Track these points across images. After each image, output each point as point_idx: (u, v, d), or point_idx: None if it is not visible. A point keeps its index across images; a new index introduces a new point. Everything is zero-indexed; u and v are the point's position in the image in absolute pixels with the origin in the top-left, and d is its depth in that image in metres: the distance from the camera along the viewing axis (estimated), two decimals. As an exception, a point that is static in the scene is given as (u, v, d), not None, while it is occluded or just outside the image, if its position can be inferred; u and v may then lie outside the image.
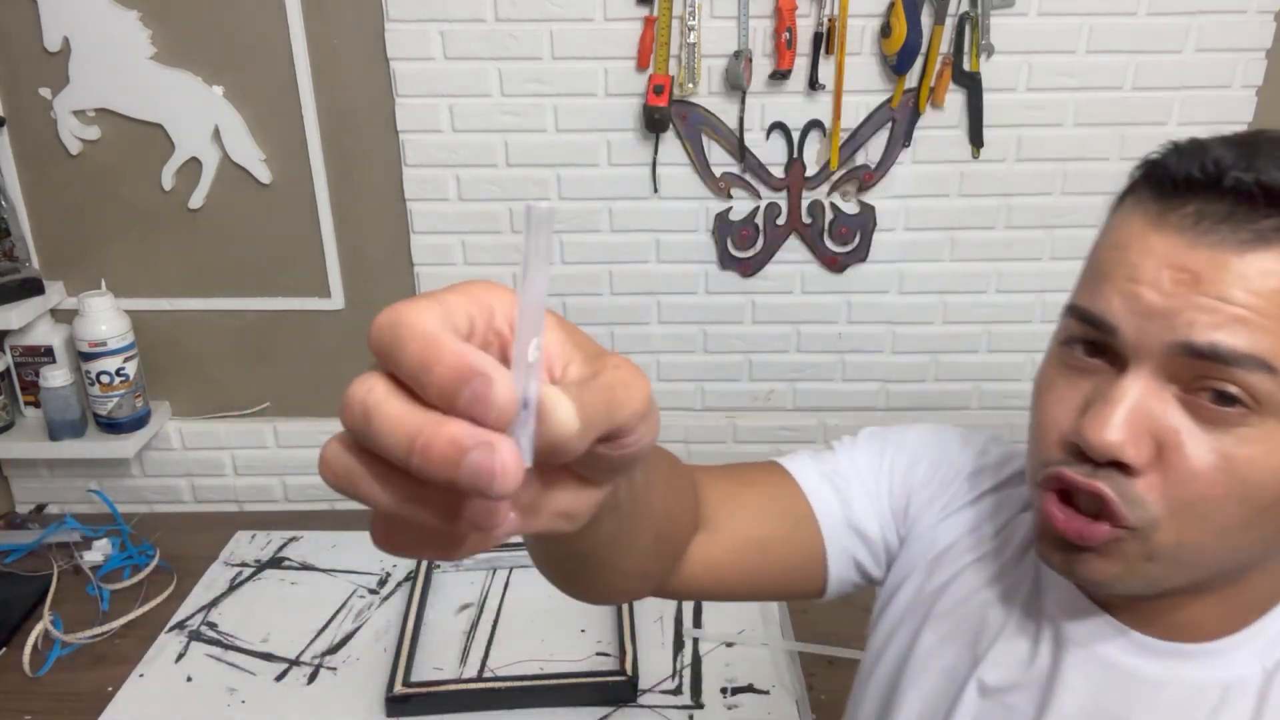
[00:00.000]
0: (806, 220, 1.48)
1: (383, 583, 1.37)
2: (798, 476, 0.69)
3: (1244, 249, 0.46)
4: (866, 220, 1.48)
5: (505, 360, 0.30)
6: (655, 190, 1.46)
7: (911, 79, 1.40)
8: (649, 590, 0.62)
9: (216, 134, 1.42)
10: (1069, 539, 0.51)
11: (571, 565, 0.52)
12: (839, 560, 0.69)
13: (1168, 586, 0.52)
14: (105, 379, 1.46)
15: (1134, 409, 0.48)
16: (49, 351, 1.50)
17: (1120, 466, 0.48)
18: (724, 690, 1.15)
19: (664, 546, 0.57)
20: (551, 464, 0.31)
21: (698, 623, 1.27)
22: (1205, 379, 0.47)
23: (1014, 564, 0.63)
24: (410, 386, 0.28)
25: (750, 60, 1.37)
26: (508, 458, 0.27)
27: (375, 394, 0.28)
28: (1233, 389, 0.46)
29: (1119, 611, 0.57)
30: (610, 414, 0.31)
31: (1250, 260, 0.46)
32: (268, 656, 1.22)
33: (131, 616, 1.31)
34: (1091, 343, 0.51)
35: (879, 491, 0.69)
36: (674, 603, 1.30)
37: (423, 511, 0.30)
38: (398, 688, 1.13)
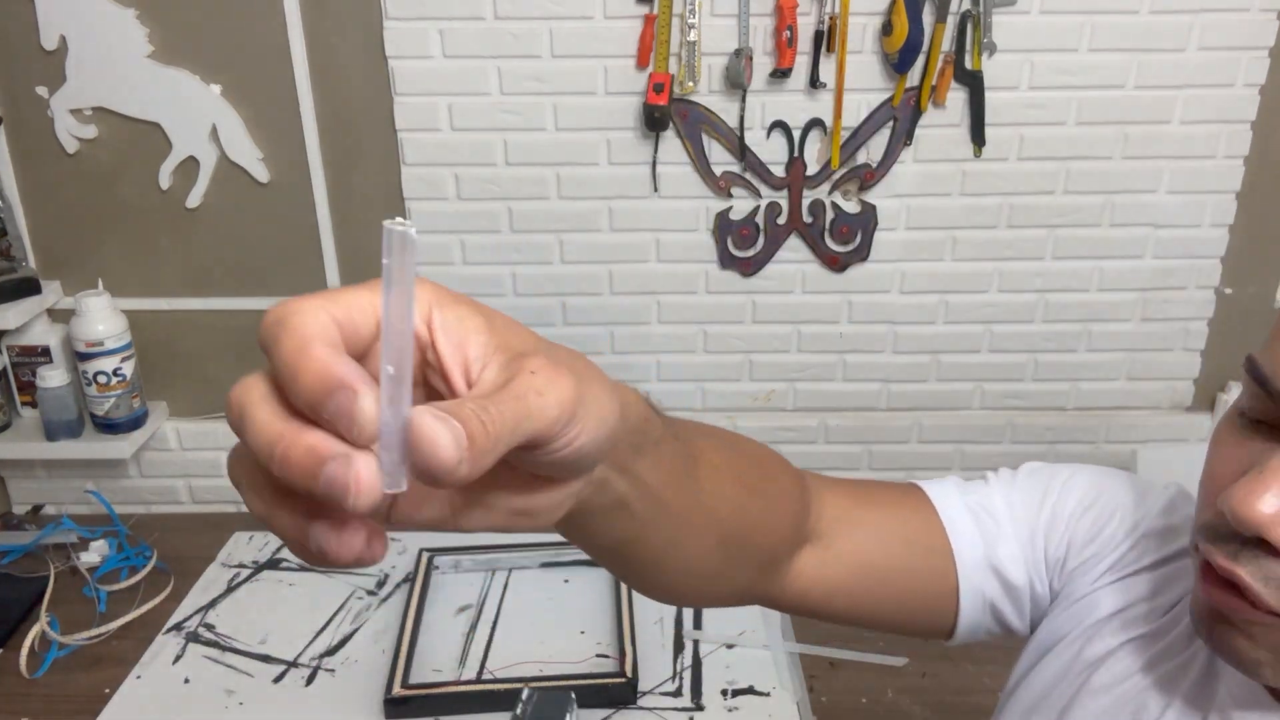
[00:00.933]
0: (807, 219, 1.48)
1: (381, 584, 1.36)
2: (938, 504, 0.64)
3: None
4: (867, 219, 1.48)
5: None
6: (655, 189, 1.46)
7: (913, 77, 1.39)
8: (737, 595, 0.59)
9: (214, 133, 1.42)
10: (1217, 608, 0.46)
11: (611, 563, 0.50)
12: (972, 603, 0.63)
13: None
14: (102, 379, 1.45)
15: None
16: (46, 351, 1.49)
17: (1267, 545, 0.43)
18: (724, 692, 1.15)
19: (740, 551, 0.54)
20: (456, 483, 0.29)
21: (698, 624, 1.26)
22: None
23: (1183, 645, 0.56)
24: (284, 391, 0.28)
25: (751, 58, 1.36)
26: (362, 472, 0.27)
27: (251, 395, 0.29)
28: None
29: None
30: (518, 427, 0.30)
31: None
32: (265, 658, 1.21)
33: (129, 618, 1.30)
34: (1263, 403, 0.45)
35: (1034, 536, 0.63)
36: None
37: (288, 519, 0.29)
38: (396, 689, 1.13)
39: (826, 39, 1.36)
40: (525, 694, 0.63)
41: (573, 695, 0.60)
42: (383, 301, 0.28)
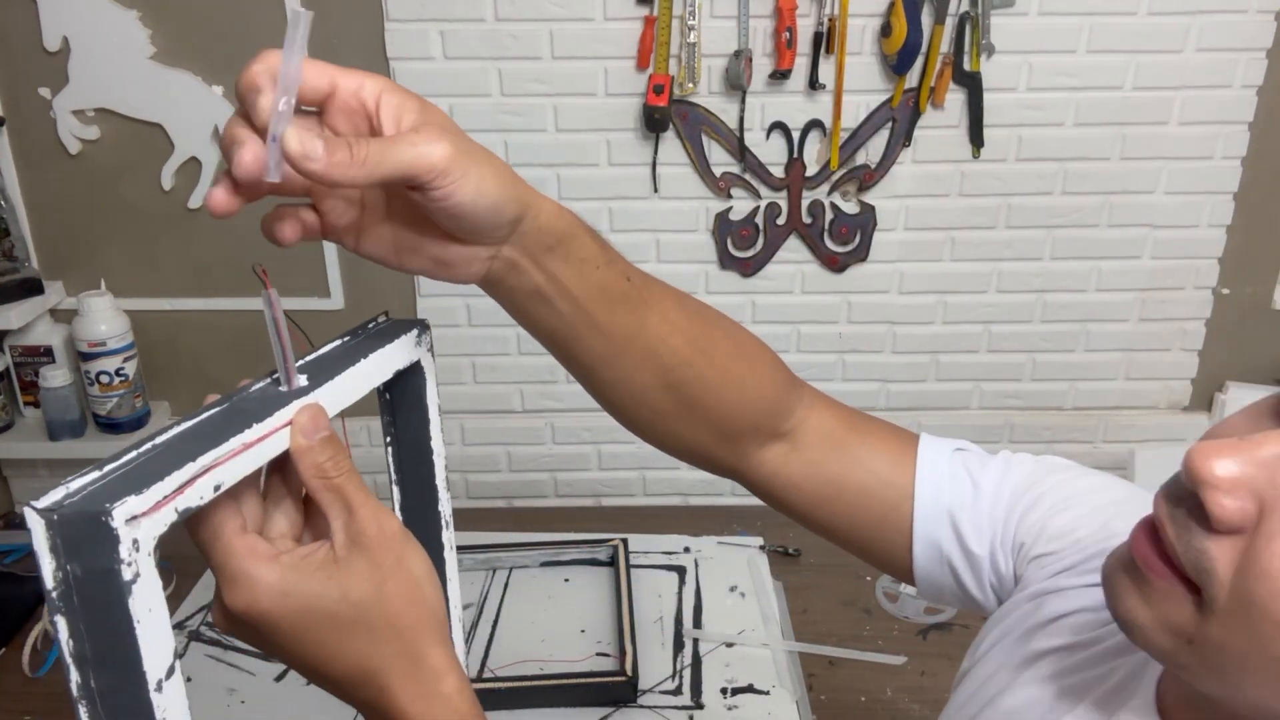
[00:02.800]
0: (807, 220, 1.48)
1: (382, 583, 1.37)
2: (922, 449, 0.66)
3: None
4: (867, 220, 1.48)
5: (371, 128, 0.46)
6: (655, 190, 1.46)
7: (912, 79, 1.40)
8: (695, 453, 0.66)
9: (216, 134, 1.42)
10: (1134, 560, 0.44)
11: (556, 355, 0.60)
12: (925, 550, 0.64)
13: (1208, 689, 0.44)
14: (105, 379, 1.46)
15: (1260, 461, 0.39)
16: (48, 351, 1.49)
17: (1203, 518, 0.40)
18: (724, 690, 1.15)
19: (689, 408, 0.62)
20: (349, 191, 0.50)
21: (698, 623, 1.27)
22: None
23: (1110, 657, 0.54)
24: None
25: (750, 60, 1.37)
26: (245, 155, 0.43)
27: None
28: None
29: None
30: (386, 158, 0.43)
31: None
32: (267, 657, 1.22)
33: (131, 617, 1.30)
34: None
35: (1009, 514, 0.63)
36: (674, 604, 1.30)
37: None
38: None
39: (826, 40, 1.36)
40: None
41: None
42: (283, 56, 0.42)
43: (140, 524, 0.37)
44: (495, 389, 1.59)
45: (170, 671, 0.39)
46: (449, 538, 0.59)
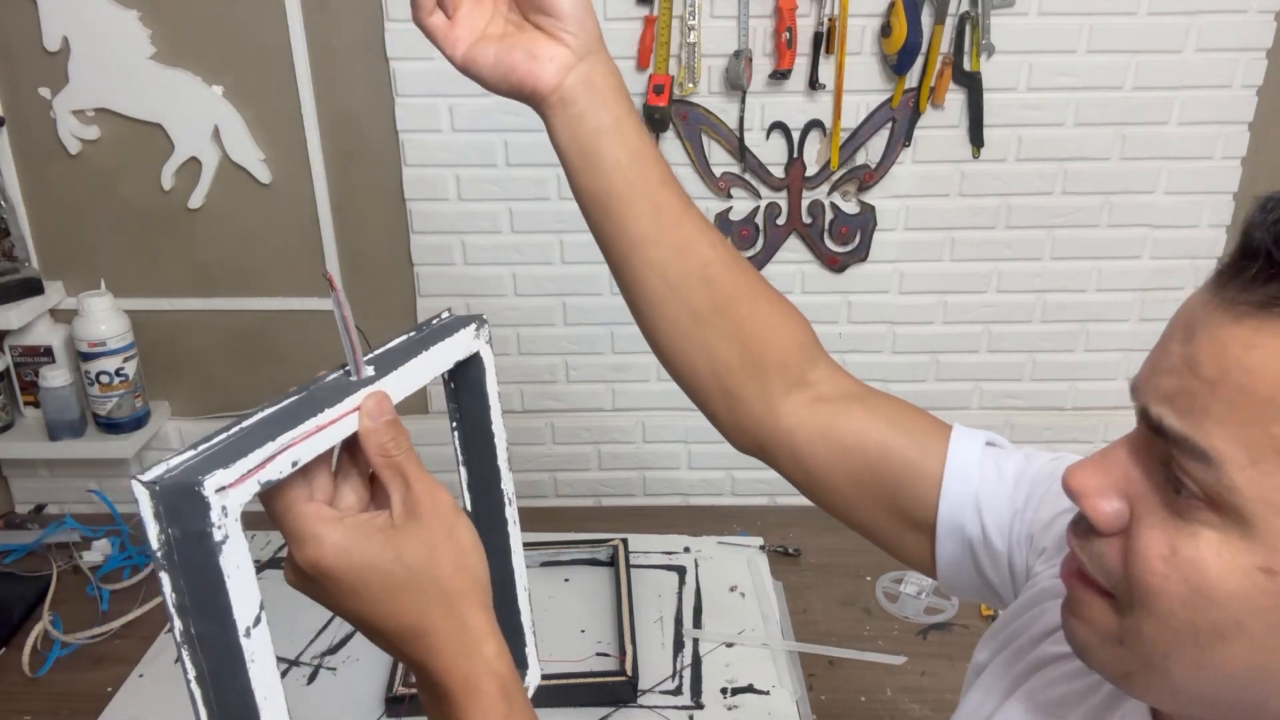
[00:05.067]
0: (806, 220, 1.48)
1: (382, 583, 1.37)
2: (955, 434, 0.66)
3: (1240, 315, 0.40)
4: (866, 220, 1.48)
5: None
6: (655, 190, 1.46)
7: (912, 79, 1.40)
8: (716, 378, 0.68)
9: (216, 134, 1.42)
10: (1065, 583, 0.48)
11: (605, 217, 0.68)
12: (950, 529, 0.64)
13: (1158, 702, 0.47)
14: (105, 379, 1.46)
15: (1114, 464, 0.45)
16: (48, 351, 1.49)
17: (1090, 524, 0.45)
18: (724, 690, 1.15)
19: (715, 296, 0.66)
20: None
21: (698, 623, 1.27)
22: (1172, 458, 0.42)
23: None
24: None
25: (750, 60, 1.37)
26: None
27: None
28: (1181, 475, 0.41)
29: None
30: None
31: (1239, 329, 0.39)
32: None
33: (131, 617, 1.31)
34: None
35: (1024, 504, 0.64)
36: (674, 603, 1.30)
37: None
38: (398, 688, 1.13)
39: (825, 40, 1.36)
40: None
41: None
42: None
43: (228, 494, 0.43)
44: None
45: (257, 620, 0.46)
46: (512, 514, 0.65)
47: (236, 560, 0.44)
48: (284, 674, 1.19)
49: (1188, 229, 1.50)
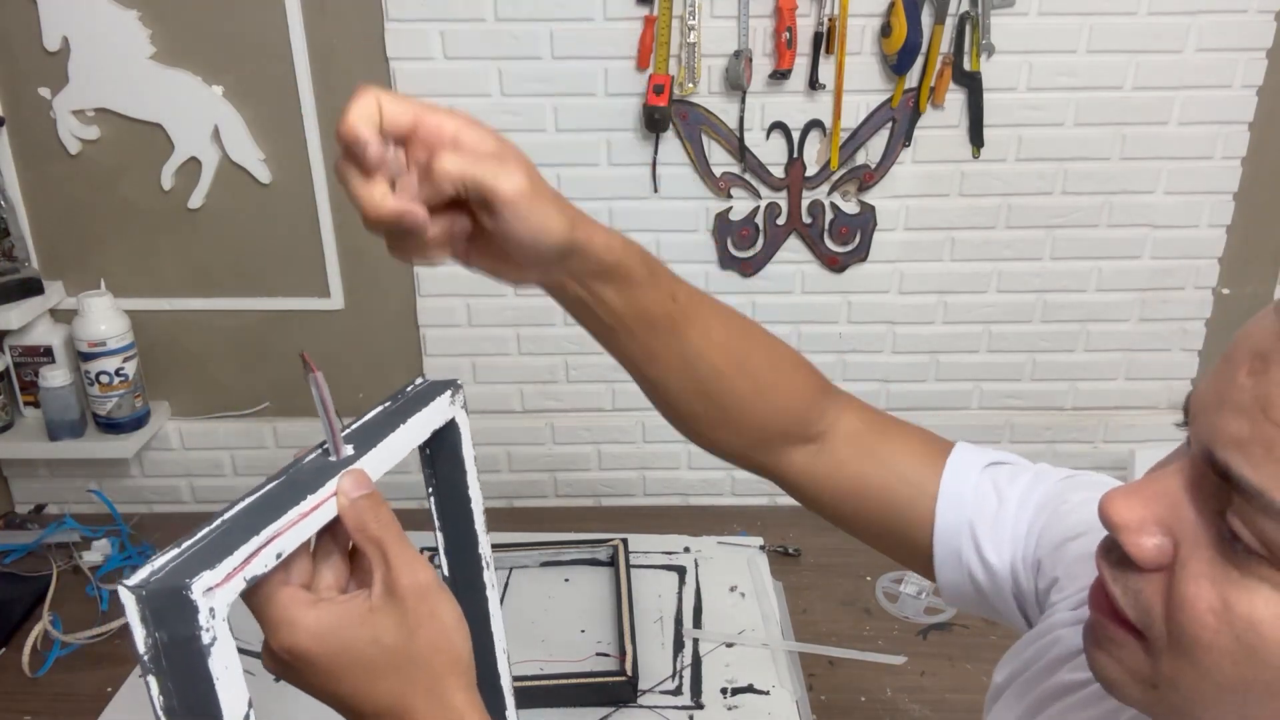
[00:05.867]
0: (806, 220, 1.48)
1: (382, 583, 1.37)
2: (953, 456, 0.66)
3: None
4: (866, 220, 1.48)
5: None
6: (655, 190, 1.46)
7: (912, 78, 1.40)
8: (733, 455, 0.69)
9: (216, 134, 1.42)
10: (1092, 624, 0.45)
11: (604, 344, 0.65)
12: (946, 557, 0.65)
13: None
14: (105, 379, 1.46)
15: (1160, 496, 0.41)
16: (48, 351, 1.49)
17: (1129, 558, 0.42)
18: (724, 690, 1.15)
19: (723, 416, 0.66)
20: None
21: (698, 623, 1.27)
22: (1231, 503, 0.38)
23: None
24: None
25: (750, 60, 1.37)
26: (380, 201, 0.53)
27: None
28: (1239, 525, 0.37)
29: None
30: (469, 170, 0.51)
31: None
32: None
33: (131, 617, 1.30)
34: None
35: (1030, 531, 0.63)
36: (674, 603, 1.30)
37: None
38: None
39: (825, 40, 1.36)
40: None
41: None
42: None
43: (215, 594, 0.43)
44: (495, 389, 1.59)
45: (246, 718, 0.45)
46: (489, 577, 0.63)
47: (225, 662, 0.44)
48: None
49: (1188, 229, 1.50)
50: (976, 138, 1.43)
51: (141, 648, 0.42)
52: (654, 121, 1.39)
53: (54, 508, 1.63)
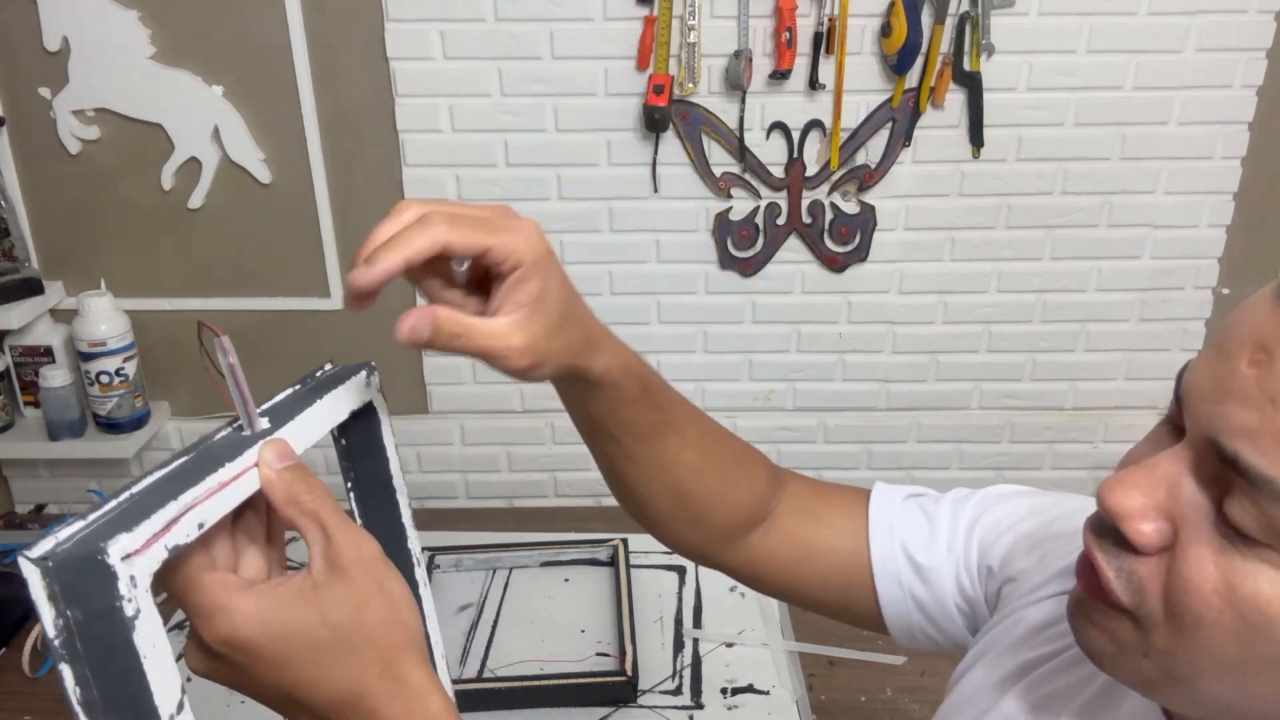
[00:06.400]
0: (806, 220, 1.48)
1: (382, 583, 1.37)
2: (874, 497, 0.69)
3: None
4: (866, 220, 1.48)
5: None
6: (655, 190, 1.46)
7: (912, 79, 1.40)
8: (694, 550, 0.71)
9: (216, 134, 1.42)
10: (1078, 595, 0.47)
11: (589, 442, 0.66)
12: (888, 584, 0.67)
13: (1178, 707, 0.46)
14: (105, 379, 1.46)
15: (1159, 482, 0.42)
16: (48, 351, 1.49)
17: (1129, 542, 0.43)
18: (724, 690, 1.15)
19: (695, 509, 0.67)
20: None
21: (698, 623, 1.27)
22: (1232, 490, 0.39)
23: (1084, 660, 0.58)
24: None
25: (750, 60, 1.37)
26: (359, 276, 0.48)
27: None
28: (1240, 512, 0.39)
29: None
30: (466, 342, 0.50)
31: None
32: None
33: (131, 617, 1.30)
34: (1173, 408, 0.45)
35: (967, 539, 0.65)
36: (674, 603, 1.30)
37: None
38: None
39: (825, 40, 1.36)
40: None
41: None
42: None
43: (135, 561, 0.38)
44: (495, 389, 1.59)
45: (180, 706, 0.40)
46: (421, 575, 0.58)
47: (152, 638, 0.38)
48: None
49: (1188, 229, 1.50)
50: (976, 138, 1.43)
51: (51, 630, 0.37)
52: (654, 121, 1.39)
53: (54, 508, 1.63)
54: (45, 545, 0.37)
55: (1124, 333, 1.56)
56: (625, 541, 1.38)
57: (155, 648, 0.39)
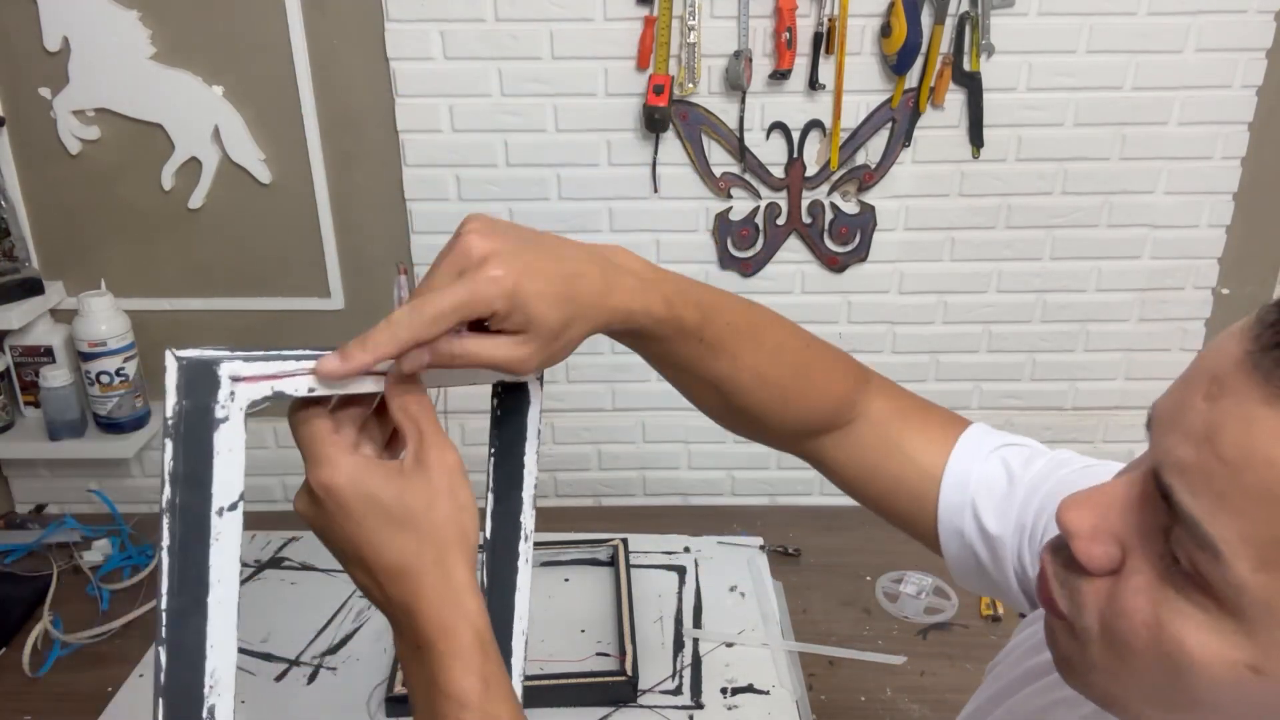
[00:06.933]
0: (806, 220, 1.48)
1: (383, 583, 1.37)
2: (961, 442, 0.69)
3: (1272, 396, 0.35)
4: (866, 220, 1.48)
5: None
6: (655, 190, 1.46)
7: (911, 79, 1.40)
8: (779, 441, 0.73)
9: (216, 134, 1.42)
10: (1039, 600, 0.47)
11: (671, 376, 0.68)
12: (951, 535, 0.67)
13: None
14: (105, 379, 1.46)
15: (1113, 506, 0.42)
16: (49, 351, 1.50)
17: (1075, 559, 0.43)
18: (724, 690, 1.15)
19: (741, 417, 0.69)
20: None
21: (698, 623, 1.27)
22: (1173, 523, 0.39)
23: None
24: None
25: (750, 60, 1.37)
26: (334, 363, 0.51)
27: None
28: (1179, 551, 0.38)
29: None
30: (472, 357, 0.53)
31: (1270, 414, 0.35)
32: (267, 657, 1.22)
33: (131, 616, 1.31)
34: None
35: (1040, 508, 0.63)
36: (674, 603, 1.30)
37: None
38: (398, 688, 1.13)
39: (825, 41, 1.36)
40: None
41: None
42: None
43: (240, 385, 0.48)
44: (495, 389, 1.59)
45: (234, 505, 0.49)
46: (525, 549, 0.65)
47: (230, 443, 0.48)
48: (283, 674, 1.19)
49: (1188, 229, 1.50)
50: (976, 138, 1.43)
51: (169, 412, 0.47)
52: (654, 121, 1.39)
53: (54, 508, 1.63)
54: (191, 351, 0.48)
55: (1124, 333, 1.56)
56: (625, 541, 1.38)
57: (230, 450, 0.49)
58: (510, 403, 0.63)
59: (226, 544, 0.49)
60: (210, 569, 0.49)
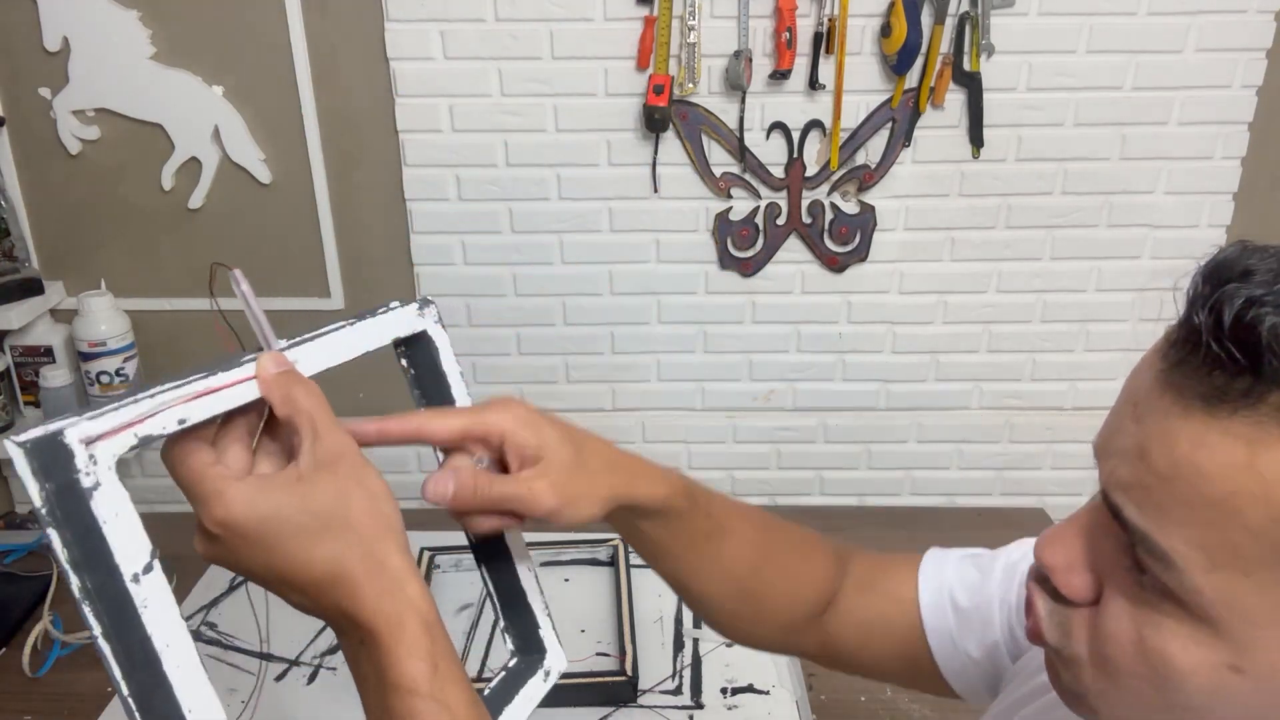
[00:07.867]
0: (806, 220, 1.48)
1: (383, 583, 1.36)
2: (926, 558, 0.70)
3: (1187, 408, 0.37)
4: (866, 220, 1.48)
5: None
6: (655, 190, 1.46)
7: (911, 79, 1.40)
8: (764, 645, 0.74)
9: (216, 134, 1.42)
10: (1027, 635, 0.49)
11: (653, 563, 0.67)
12: (940, 640, 0.67)
13: None
14: (105, 379, 1.46)
15: (1080, 535, 0.44)
16: (48, 351, 1.50)
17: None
18: (724, 690, 1.15)
19: (758, 606, 0.69)
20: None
21: (698, 623, 1.27)
22: (1131, 542, 0.40)
23: None
24: None
25: (750, 60, 1.37)
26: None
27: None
28: (1143, 564, 0.40)
29: None
30: (503, 501, 0.55)
31: (1186, 424, 0.37)
32: (268, 657, 1.22)
33: (131, 617, 1.30)
34: None
35: (1020, 591, 0.64)
36: (674, 603, 1.30)
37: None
38: (398, 688, 1.13)
39: (825, 40, 1.36)
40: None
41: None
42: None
43: (97, 445, 0.44)
44: (496, 389, 1.59)
45: (148, 568, 0.46)
46: None
47: (113, 508, 0.45)
48: (283, 674, 1.19)
49: (1188, 229, 1.50)
50: (976, 138, 1.43)
51: (37, 500, 0.43)
52: (654, 121, 1.39)
53: (54, 508, 1.63)
54: (31, 432, 0.43)
55: (1124, 333, 1.56)
56: (625, 542, 1.38)
57: (117, 515, 0.45)
58: (418, 354, 0.61)
59: (157, 607, 0.46)
60: (152, 639, 0.46)
